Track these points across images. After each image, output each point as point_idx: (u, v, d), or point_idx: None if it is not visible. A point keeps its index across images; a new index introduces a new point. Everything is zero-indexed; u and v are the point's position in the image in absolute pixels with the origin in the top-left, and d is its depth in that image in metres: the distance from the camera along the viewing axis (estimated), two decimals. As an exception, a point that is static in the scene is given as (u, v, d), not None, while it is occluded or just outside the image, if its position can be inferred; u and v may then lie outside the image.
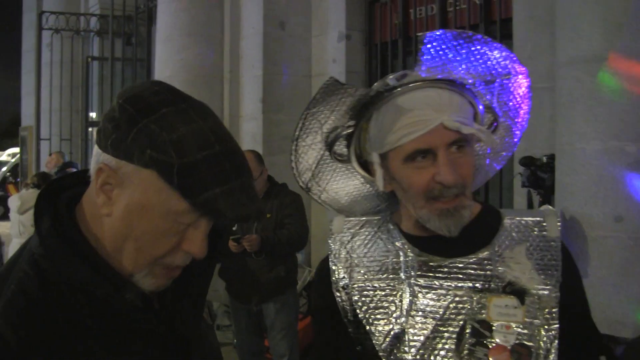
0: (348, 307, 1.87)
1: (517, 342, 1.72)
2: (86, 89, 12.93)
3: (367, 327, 1.83)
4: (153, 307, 1.49)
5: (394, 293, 1.83)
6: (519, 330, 1.73)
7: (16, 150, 15.41)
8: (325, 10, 8.47)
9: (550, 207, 1.93)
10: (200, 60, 8.79)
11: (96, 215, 1.41)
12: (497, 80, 1.90)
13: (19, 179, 14.75)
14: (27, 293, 1.34)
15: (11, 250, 8.32)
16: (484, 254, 1.81)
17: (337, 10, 8.31)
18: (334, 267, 1.92)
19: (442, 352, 1.75)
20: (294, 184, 6.27)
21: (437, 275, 1.81)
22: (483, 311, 1.75)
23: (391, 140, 1.75)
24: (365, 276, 1.88)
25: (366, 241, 1.93)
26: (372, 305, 1.84)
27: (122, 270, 1.41)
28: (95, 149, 1.40)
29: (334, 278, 1.91)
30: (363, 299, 1.85)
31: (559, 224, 1.85)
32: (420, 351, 1.76)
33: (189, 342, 1.52)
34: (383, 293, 1.84)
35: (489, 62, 1.89)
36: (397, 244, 1.88)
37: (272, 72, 8.47)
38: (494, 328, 1.74)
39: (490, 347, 1.72)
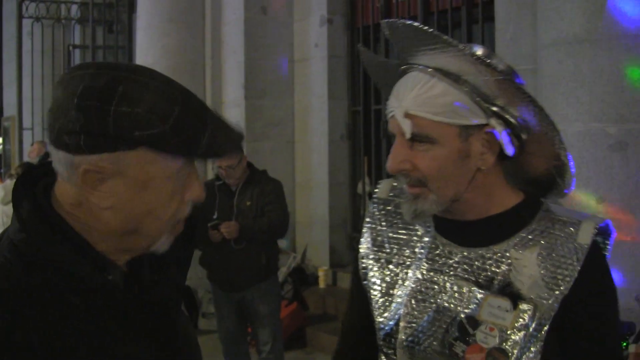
0: (364, 274, 1.90)
1: (496, 345, 1.68)
2: (68, 77, 12.80)
3: (372, 300, 1.86)
4: (134, 291, 1.49)
5: (404, 271, 1.84)
6: (504, 334, 1.68)
7: (0, 140, 15.35)
8: (307, -5, 8.46)
9: (597, 216, 1.82)
10: (181, 47, 8.75)
11: (86, 211, 1.39)
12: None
13: (2, 170, 14.66)
14: (9, 278, 1.34)
15: (-6, 241, 8.25)
16: (496, 249, 1.76)
17: (318, -6, 8.30)
18: (365, 232, 1.93)
19: (430, 340, 1.76)
20: (276, 171, 6.25)
21: (445, 262, 1.80)
22: (476, 308, 1.72)
23: None
24: (386, 248, 1.89)
25: (400, 211, 1.87)
26: (386, 279, 1.86)
27: (142, 246, 1.44)
28: (62, 154, 1.35)
29: (362, 240, 1.93)
30: (378, 270, 1.87)
31: (595, 231, 1.73)
32: (413, 335, 1.77)
33: (170, 329, 1.52)
34: (395, 269, 1.85)
35: None
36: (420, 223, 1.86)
37: (254, 57, 8.44)
38: (479, 327, 1.71)
39: (469, 344, 1.71)
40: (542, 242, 1.74)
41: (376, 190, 1.98)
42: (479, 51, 1.68)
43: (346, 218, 8.49)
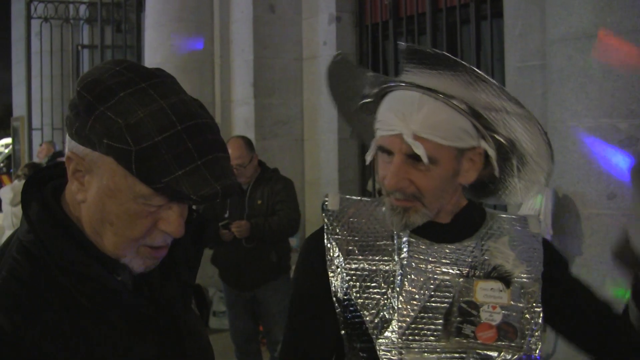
0: (339, 286, 1.89)
1: (503, 321, 1.81)
2: (77, 77, 12.76)
3: (358, 307, 1.86)
4: (144, 292, 1.51)
5: (385, 273, 1.88)
6: (505, 312, 1.82)
7: (10, 140, 15.37)
8: (315, -8, 8.44)
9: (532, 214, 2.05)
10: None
11: (75, 202, 1.42)
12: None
13: (11, 170, 14.70)
14: (19, 278, 1.35)
15: (4, 242, 8.26)
16: (470, 242, 1.90)
17: (327, -8, 8.28)
18: (328, 245, 1.94)
19: (428, 333, 1.82)
20: (286, 169, 6.23)
21: (426, 258, 1.87)
22: (470, 294, 1.83)
23: (376, 126, 1.84)
24: (359, 255, 1.91)
25: (362, 220, 1.96)
26: (364, 284, 1.88)
27: (109, 254, 1.41)
28: (67, 136, 1.40)
29: (328, 256, 1.92)
30: (355, 278, 1.89)
31: (539, 223, 2.01)
32: (407, 331, 1.82)
33: (179, 328, 1.53)
34: (375, 273, 1.88)
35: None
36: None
37: (263, 56, 8.44)
38: (481, 308, 1.82)
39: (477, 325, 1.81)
40: (506, 232, 1.95)
41: (326, 204, 2.00)
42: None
43: (356, 216, 8.45)
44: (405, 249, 1.88)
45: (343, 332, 1.88)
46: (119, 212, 1.36)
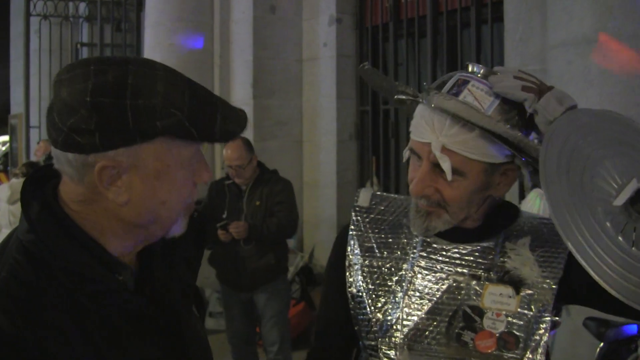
0: (353, 282, 1.93)
1: (505, 330, 1.77)
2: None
3: (367, 304, 1.88)
4: (145, 292, 1.50)
5: (398, 272, 1.89)
6: (510, 319, 1.77)
7: (7, 138, 15.35)
8: (315, -6, 8.44)
9: None
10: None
11: (96, 210, 1.39)
12: None
13: (9, 167, 14.67)
14: (19, 279, 1.34)
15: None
16: (488, 243, 1.86)
17: (327, -6, 8.28)
18: (351, 241, 1.98)
19: (432, 335, 1.81)
20: (284, 170, 6.22)
21: (439, 258, 1.87)
22: (478, 298, 1.80)
23: (410, 127, 1.83)
24: (377, 253, 1.93)
25: (390, 217, 1.99)
26: (376, 282, 1.90)
27: (159, 235, 1.47)
28: (72, 156, 1.34)
29: (348, 249, 1.97)
30: (369, 275, 1.91)
31: None
32: (411, 332, 1.82)
33: (182, 329, 1.52)
34: (388, 271, 1.90)
35: None
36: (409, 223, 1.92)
37: (263, 56, 8.43)
38: (485, 314, 1.78)
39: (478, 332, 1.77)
40: (531, 233, 1.87)
41: (356, 199, 2.04)
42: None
43: (354, 218, 8.44)
44: (418, 248, 1.89)
45: (356, 327, 1.92)
46: (171, 186, 1.40)
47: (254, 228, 5.44)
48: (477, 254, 1.85)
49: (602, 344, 4.31)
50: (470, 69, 1.82)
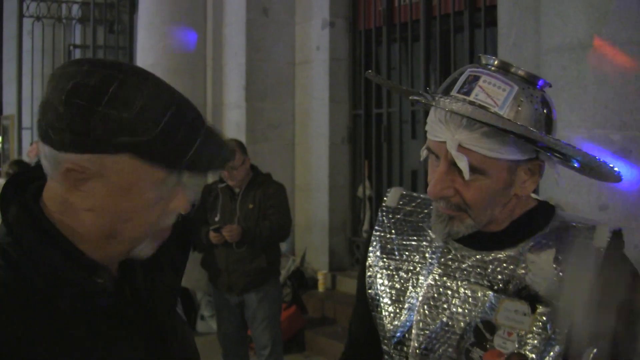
0: (371, 283, 1.88)
1: (515, 351, 1.65)
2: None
3: (383, 308, 1.83)
4: (125, 295, 1.48)
5: (415, 278, 1.82)
6: (522, 338, 1.66)
7: (-1, 139, 15.34)
8: (309, -3, 8.44)
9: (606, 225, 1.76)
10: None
11: (69, 212, 1.37)
12: None
13: (0, 168, 14.63)
14: None
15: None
16: (510, 252, 1.74)
17: (321, -3, 8.28)
18: (374, 242, 1.92)
19: (444, 347, 1.73)
20: (276, 173, 6.20)
21: (457, 266, 1.78)
22: (493, 312, 1.70)
23: (426, 127, 1.73)
24: (397, 256, 1.87)
25: (415, 218, 1.90)
26: (395, 286, 1.84)
27: (121, 251, 1.41)
28: (47, 149, 1.33)
29: (370, 249, 1.91)
30: (386, 277, 1.86)
31: (609, 234, 1.71)
32: (425, 342, 1.75)
33: (165, 333, 1.50)
34: (405, 276, 1.83)
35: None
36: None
37: (256, 59, 8.42)
38: (497, 332, 1.68)
39: (487, 350, 1.67)
40: (558, 244, 1.71)
41: (385, 198, 1.96)
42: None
43: (346, 221, 8.46)
44: (437, 255, 1.80)
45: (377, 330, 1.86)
46: (137, 205, 1.36)
47: (247, 231, 5.43)
48: (497, 263, 1.73)
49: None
50: (483, 62, 1.71)
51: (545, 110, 1.69)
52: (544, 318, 1.66)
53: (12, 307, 1.30)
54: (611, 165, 1.69)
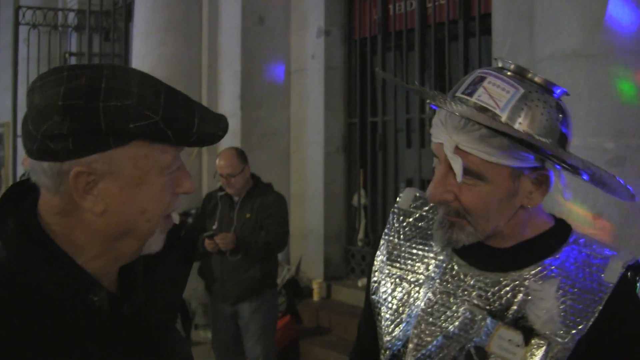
0: (377, 288, 1.85)
1: None
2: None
3: (382, 317, 1.81)
4: (122, 313, 1.45)
5: (415, 289, 1.78)
6: None
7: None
8: (304, 6, 8.43)
9: (629, 252, 1.68)
10: (178, 56, 8.71)
11: (70, 223, 1.35)
12: None
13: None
14: None
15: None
16: (514, 275, 1.67)
17: (316, 6, 8.27)
18: (382, 245, 1.88)
19: None
20: (272, 182, 6.15)
21: (458, 284, 1.72)
22: (487, 339, 1.64)
23: (431, 130, 1.69)
24: (401, 263, 1.83)
25: (425, 224, 1.84)
26: (395, 296, 1.81)
27: (133, 249, 1.42)
28: (47, 165, 1.31)
29: (378, 252, 1.88)
30: (388, 284, 1.82)
31: (622, 270, 1.62)
32: (422, 357, 1.71)
33: (159, 350, 1.49)
34: (408, 286, 1.80)
35: None
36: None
37: (251, 68, 8.42)
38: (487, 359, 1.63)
39: None
40: (565, 275, 1.64)
41: (398, 199, 1.92)
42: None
43: (341, 230, 8.44)
44: (440, 269, 1.76)
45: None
46: (151, 194, 1.36)
47: (242, 240, 5.41)
48: (498, 287, 1.67)
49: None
50: (500, 65, 1.65)
51: (559, 118, 1.63)
52: (538, 352, 1.59)
53: (5, 324, 1.28)
54: (623, 183, 1.64)
